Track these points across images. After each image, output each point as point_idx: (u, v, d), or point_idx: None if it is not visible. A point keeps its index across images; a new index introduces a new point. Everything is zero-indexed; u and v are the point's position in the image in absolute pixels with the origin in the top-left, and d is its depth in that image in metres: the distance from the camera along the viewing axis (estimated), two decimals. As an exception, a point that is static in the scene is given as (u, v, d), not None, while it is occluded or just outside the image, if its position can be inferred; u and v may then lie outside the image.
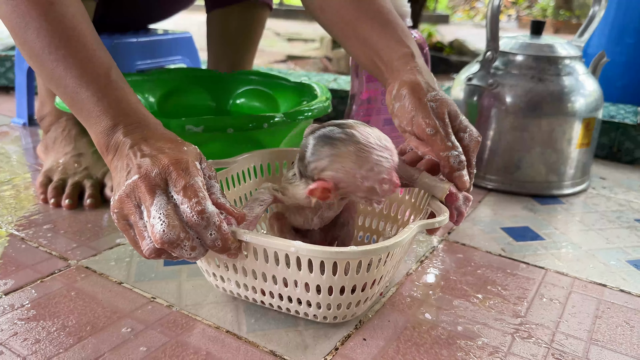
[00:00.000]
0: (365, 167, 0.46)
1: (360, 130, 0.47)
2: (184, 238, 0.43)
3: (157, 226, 0.42)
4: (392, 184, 0.48)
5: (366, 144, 0.46)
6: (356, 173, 0.46)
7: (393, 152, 0.48)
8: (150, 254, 0.44)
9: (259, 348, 0.48)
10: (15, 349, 0.47)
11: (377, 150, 0.47)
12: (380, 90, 0.75)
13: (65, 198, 0.74)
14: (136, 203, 0.44)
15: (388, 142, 0.48)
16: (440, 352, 0.48)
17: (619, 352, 0.49)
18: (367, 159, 0.46)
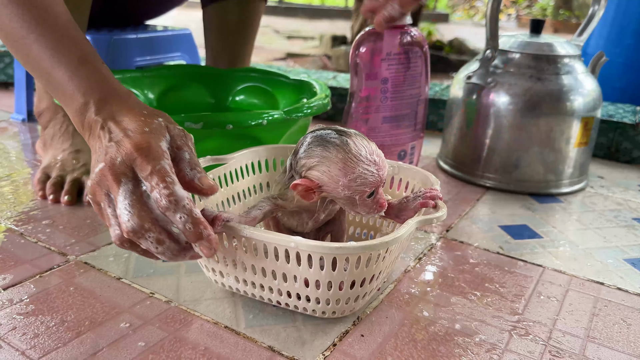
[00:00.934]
0: (349, 176, 0.47)
1: (355, 141, 0.48)
2: (149, 229, 0.42)
3: (123, 216, 0.42)
4: (378, 204, 0.49)
5: (355, 155, 0.47)
6: (339, 180, 0.47)
7: (382, 168, 0.48)
8: (119, 243, 0.44)
9: (257, 343, 0.48)
10: (14, 343, 0.47)
11: (364, 163, 0.47)
12: (379, 87, 0.75)
13: (64, 194, 0.74)
14: (106, 191, 0.44)
15: (379, 158, 0.48)
16: (438, 349, 0.48)
17: (615, 349, 0.50)
18: (353, 169, 0.47)
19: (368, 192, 0.48)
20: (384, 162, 0.49)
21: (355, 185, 0.47)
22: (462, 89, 0.89)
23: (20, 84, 1.13)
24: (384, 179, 0.49)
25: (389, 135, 0.77)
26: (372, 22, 0.73)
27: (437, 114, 1.19)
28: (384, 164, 0.49)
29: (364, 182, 0.47)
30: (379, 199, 0.49)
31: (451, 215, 0.76)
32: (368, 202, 0.49)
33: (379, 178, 0.48)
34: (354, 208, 0.49)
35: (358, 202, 0.48)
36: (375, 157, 0.48)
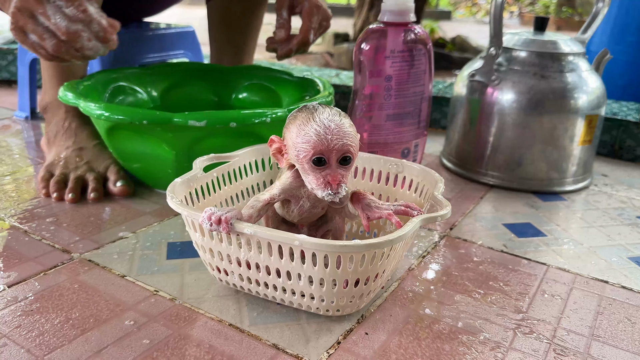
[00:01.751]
0: (299, 134, 0.46)
1: (327, 109, 0.47)
2: (81, 30, 0.56)
3: (60, 23, 0.55)
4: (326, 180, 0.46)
5: (314, 116, 0.46)
6: (293, 138, 0.47)
7: (333, 134, 0.46)
8: (55, 50, 0.54)
9: (261, 341, 0.48)
10: (18, 341, 0.47)
11: (316, 123, 0.46)
12: (383, 85, 0.75)
13: (68, 192, 0.74)
14: (29, 14, 0.55)
15: (335, 126, 0.46)
16: (442, 347, 0.48)
17: (620, 348, 0.50)
18: (304, 127, 0.46)
19: (311, 155, 0.46)
20: (343, 133, 0.46)
21: (300, 142, 0.46)
22: (465, 86, 0.89)
23: (23, 81, 1.13)
24: (332, 146, 0.46)
25: (392, 133, 0.77)
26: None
27: (440, 111, 1.19)
28: (341, 134, 0.46)
29: (307, 140, 0.46)
30: (330, 174, 0.47)
31: (455, 214, 0.76)
32: (317, 174, 0.47)
33: (325, 142, 0.45)
34: (307, 180, 0.48)
35: (308, 170, 0.47)
36: (330, 123, 0.46)
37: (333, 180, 0.46)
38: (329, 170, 0.47)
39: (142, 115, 0.66)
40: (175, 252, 0.63)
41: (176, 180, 0.54)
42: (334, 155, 0.46)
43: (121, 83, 0.89)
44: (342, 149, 0.46)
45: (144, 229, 0.68)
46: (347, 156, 0.47)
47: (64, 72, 0.83)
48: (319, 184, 0.47)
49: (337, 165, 0.47)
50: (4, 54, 1.42)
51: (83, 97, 0.72)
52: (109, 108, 0.68)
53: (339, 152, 0.46)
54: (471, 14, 7.92)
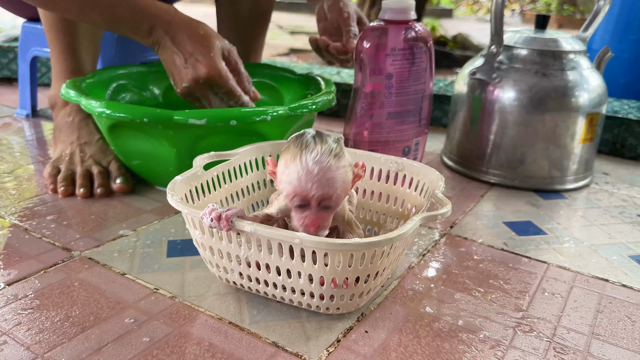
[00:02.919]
0: (285, 172, 0.47)
1: (317, 148, 0.46)
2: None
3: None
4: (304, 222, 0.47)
5: (301, 157, 0.46)
6: (280, 175, 0.48)
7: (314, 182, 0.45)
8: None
9: (261, 339, 0.48)
10: (19, 338, 0.47)
11: (301, 166, 0.45)
12: (384, 83, 0.75)
13: (79, 188, 0.75)
14: (198, 96, 0.71)
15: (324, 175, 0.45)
16: (442, 345, 0.48)
17: (620, 346, 0.49)
18: (290, 167, 0.46)
19: (292, 196, 0.46)
20: (326, 180, 0.45)
21: (284, 181, 0.47)
22: (466, 84, 0.88)
23: (24, 79, 1.13)
24: (311, 193, 0.46)
25: (393, 131, 0.77)
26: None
27: (441, 109, 1.19)
28: (323, 181, 0.45)
29: (290, 182, 0.46)
30: (309, 217, 0.47)
31: (455, 212, 0.76)
32: (298, 214, 0.47)
33: (306, 188, 0.45)
34: (292, 214, 0.49)
35: (290, 207, 0.48)
36: (315, 167, 0.45)
37: (312, 224, 0.47)
38: (308, 213, 0.47)
39: (143, 113, 0.66)
40: (176, 250, 0.63)
41: (176, 178, 0.54)
42: (315, 199, 0.46)
43: (124, 81, 0.89)
44: (321, 197, 0.46)
45: (144, 227, 0.68)
46: (327, 202, 0.47)
47: (72, 68, 0.84)
48: (300, 224, 0.47)
49: (318, 208, 0.47)
50: (5, 52, 1.42)
51: (85, 94, 0.72)
52: (110, 106, 0.68)
53: (319, 198, 0.46)
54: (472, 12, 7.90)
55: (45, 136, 1.02)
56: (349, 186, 0.48)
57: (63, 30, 0.82)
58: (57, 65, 0.85)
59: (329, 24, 0.87)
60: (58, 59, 0.84)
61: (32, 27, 1.07)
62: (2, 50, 1.42)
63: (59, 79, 0.85)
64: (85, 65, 0.85)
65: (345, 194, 0.48)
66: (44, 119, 1.12)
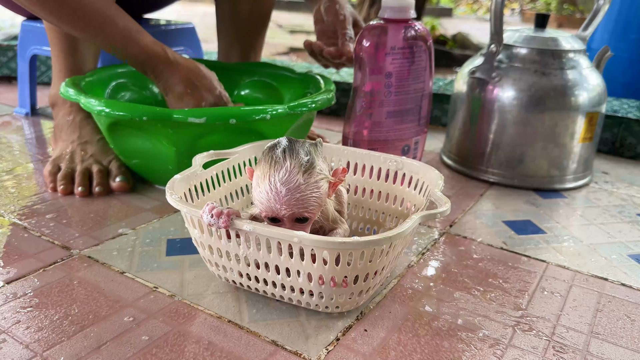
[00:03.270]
0: (256, 189, 0.47)
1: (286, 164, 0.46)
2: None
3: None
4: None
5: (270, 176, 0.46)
6: (253, 188, 0.48)
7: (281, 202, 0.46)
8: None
9: (260, 338, 0.48)
10: (17, 336, 0.47)
11: (270, 188, 0.46)
12: (383, 82, 0.74)
13: (77, 186, 0.75)
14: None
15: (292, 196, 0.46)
16: (441, 344, 0.48)
17: (619, 345, 0.49)
18: (260, 185, 0.47)
19: (263, 213, 0.47)
20: (295, 200, 0.46)
21: (256, 197, 0.47)
22: (466, 83, 0.88)
23: (23, 77, 1.13)
24: (281, 213, 0.46)
25: (392, 130, 0.77)
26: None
27: (440, 108, 1.19)
28: (292, 202, 0.46)
29: (260, 200, 0.47)
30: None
31: (455, 211, 0.76)
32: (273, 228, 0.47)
33: (275, 209, 0.46)
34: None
35: (265, 221, 0.49)
36: (282, 188, 0.45)
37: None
38: (283, 227, 0.47)
39: (142, 112, 0.66)
40: (175, 249, 0.63)
41: (176, 177, 0.54)
42: (287, 218, 0.47)
43: (123, 79, 0.89)
44: (292, 216, 0.47)
45: (143, 226, 0.68)
46: (301, 217, 0.47)
47: (72, 67, 0.84)
48: None
49: (292, 223, 0.48)
50: (4, 51, 1.42)
51: (84, 93, 0.72)
52: (109, 104, 0.68)
53: (290, 217, 0.47)
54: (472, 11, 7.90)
55: (45, 135, 1.02)
56: (323, 198, 0.48)
57: None
58: (58, 64, 0.85)
59: (325, 26, 0.86)
60: (58, 58, 0.84)
61: (32, 26, 1.07)
62: (2, 49, 1.41)
63: (59, 77, 0.85)
64: (86, 64, 0.85)
65: (319, 207, 0.48)
66: (44, 118, 1.12)
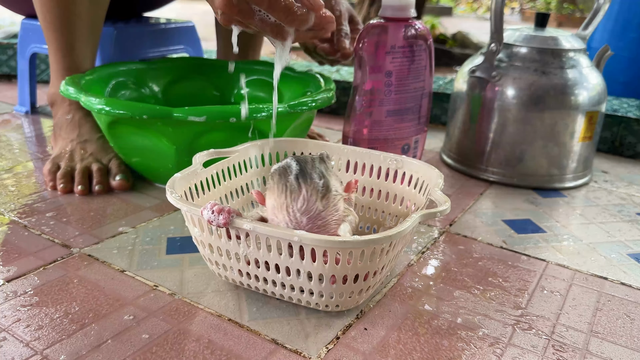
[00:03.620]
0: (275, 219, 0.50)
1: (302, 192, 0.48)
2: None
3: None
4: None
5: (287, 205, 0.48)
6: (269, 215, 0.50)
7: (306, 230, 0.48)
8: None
9: (260, 336, 0.48)
10: (18, 335, 0.47)
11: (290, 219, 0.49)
12: (383, 81, 0.74)
13: (77, 185, 0.75)
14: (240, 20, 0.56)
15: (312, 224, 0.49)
16: (441, 343, 0.48)
17: (619, 344, 0.50)
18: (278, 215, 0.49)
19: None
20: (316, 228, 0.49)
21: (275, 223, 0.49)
22: (466, 82, 0.88)
23: (23, 75, 1.13)
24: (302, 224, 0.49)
25: (392, 129, 0.77)
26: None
27: (440, 107, 1.19)
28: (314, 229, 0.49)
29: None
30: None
31: (454, 209, 0.76)
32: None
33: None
34: None
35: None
36: (302, 218, 0.49)
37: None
38: None
39: (142, 110, 0.66)
40: (175, 247, 0.63)
41: (176, 176, 0.54)
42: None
43: (123, 78, 0.89)
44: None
45: (143, 224, 0.68)
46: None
47: (70, 65, 0.84)
48: None
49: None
50: (4, 49, 1.42)
51: (84, 91, 0.72)
52: (109, 102, 0.68)
53: None
54: (472, 10, 7.90)
55: (45, 133, 1.02)
56: (340, 214, 0.51)
57: (61, 28, 0.82)
58: (56, 63, 0.84)
59: None
60: (56, 57, 0.84)
61: (32, 24, 1.07)
62: (1, 47, 1.41)
63: (58, 76, 0.84)
64: (84, 62, 0.85)
65: (339, 223, 0.51)
66: (43, 116, 1.12)
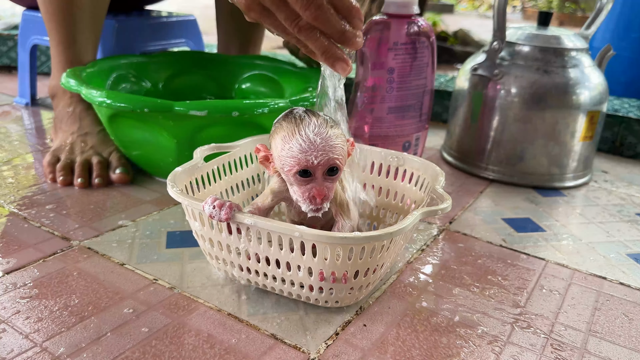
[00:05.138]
0: (285, 146, 0.46)
1: (312, 120, 0.46)
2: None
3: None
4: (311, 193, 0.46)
5: (299, 129, 0.46)
6: (278, 148, 0.47)
7: (317, 150, 0.45)
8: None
9: (260, 331, 0.48)
10: (17, 326, 0.47)
11: (301, 137, 0.45)
12: (385, 77, 0.74)
13: (77, 177, 0.75)
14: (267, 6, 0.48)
15: (320, 140, 0.45)
16: (440, 340, 0.49)
17: (617, 343, 0.50)
18: (289, 140, 0.46)
19: (294, 169, 0.46)
20: (329, 147, 0.46)
21: (284, 156, 0.46)
22: (468, 80, 0.88)
23: (23, 67, 1.13)
24: (317, 162, 0.45)
25: (393, 126, 0.77)
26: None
27: (441, 105, 1.19)
28: (326, 148, 0.45)
29: (292, 155, 0.46)
30: (315, 187, 0.46)
31: (454, 207, 0.76)
32: (303, 187, 0.47)
33: (310, 159, 0.45)
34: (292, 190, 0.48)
35: (293, 182, 0.47)
36: (316, 138, 0.45)
37: (318, 194, 0.46)
38: (314, 184, 0.47)
39: (143, 103, 0.66)
40: (175, 241, 0.63)
41: (177, 170, 0.54)
42: (320, 169, 0.46)
43: (124, 71, 0.88)
44: (327, 163, 0.46)
45: (143, 218, 0.68)
46: (333, 167, 0.47)
47: (71, 58, 0.83)
48: (304, 198, 0.47)
49: (324, 177, 0.47)
50: (5, 40, 1.41)
51: (85, 83, 0.72)
52: (110, 95, 0.68)
53: (324, 166, 0.46)
54: (474, 8, 7.88)
55: (44, 125, 1.02)
56: (346, 155, 0.49)
57: (62, 20, 0.81)
58: (57, 55, 0.84)
59: None
60: (57, 49, 0.84)
61: (33, 16, 1.07)
62: (2, 38, 1.41)
63: (59, 69, 0.84)
64: (85, 55, 0.85)
65: (345, 160, 0.48)
66: (43, 108, 1.12)
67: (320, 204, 0.47)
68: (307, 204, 0.47)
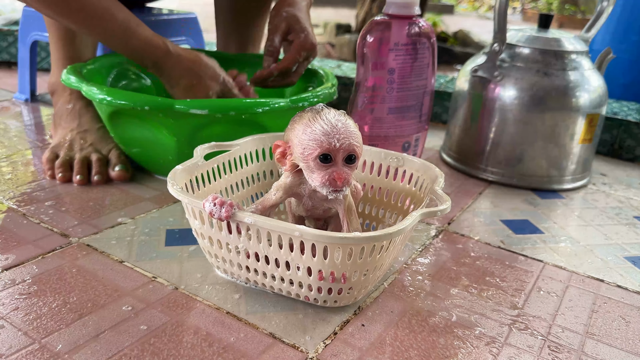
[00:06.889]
0: (306, 131, 0.47)
1: (332, 110, 0.47)
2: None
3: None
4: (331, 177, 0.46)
5: (321, 116, 0.46)
6: (298, 136, 0.47)
7: (339, 133, 0.46)
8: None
9: (258, 330, 0.48)
10: (16, 323, 0.47)
11: (323, 122, 0.46)
12: (386, 78, 0.74)
13: (75, 174, 0.75)
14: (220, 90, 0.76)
15: (342, 125, 0.46)
16: (437, 340, 0.49)
17: (614, 346, 0.50)
18: (311, 125, 0.46)
19: (317, 152, 0.46)
20: (349, 132, 0.46)
21: (306, 140, 0.46)
22: (468, 81, 0.88)
23: (23, 63, 1.12)
24: (339, 145, 0.46)
25: (393, 127, 0.77)
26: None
27: (441, 106, 1.19)
28: (347, 133, 0.46)
29: (314, 138, 0.46)
30: (336, 171, 0.47)
31: (453, 208, 0.77)
32: (323, 172, 0.47)
33: (333, 141, 0.46)
34: (311, 178, 0.48)
35: (313, 168, 0.47)
36: (338, 122, 0.46)
37: (339, 177, 0.46)
38: (334, 168, 0.47)
39: (144, 101, 0.66)
40: (174, 239, 0.63)
41: (177, 168, 0.54)
42: (341, 153, 0.46)
43: (125, 67, 0.88)
44: (348, 148, 0.46)
45: (143, 215, 0.68)
46: (352, 155, 0.47)
47: (71, 55, 0.83)
48: (324, 182, 0.47)
49: (343, 164, 0.47)
50: (4, 36, 1.41)
51: (86, 80, 0.72)
52: (111, 92, 0.68)
53: (345, 151, 0.46)
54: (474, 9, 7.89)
55: (44, 121, 1.02)
56: (362, 149, 0.49)
57: None
58: (56, 51, 0.84)
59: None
60: (57, 46, 0.84)
61: (33, 11, 1.07)
62: (2, 34, 1.41)
63: (59, 65, 0.84)
64: (85, 51, 0.85)
65: (361, 154, 0.49)
66: (43, 104, 1.12)
67: (340, 186, 0.47)
68: (327, 187, 0.47)
